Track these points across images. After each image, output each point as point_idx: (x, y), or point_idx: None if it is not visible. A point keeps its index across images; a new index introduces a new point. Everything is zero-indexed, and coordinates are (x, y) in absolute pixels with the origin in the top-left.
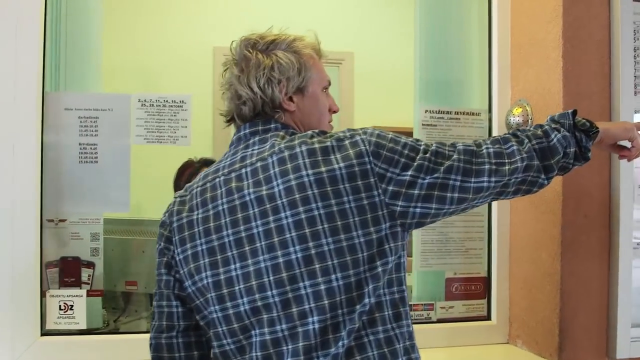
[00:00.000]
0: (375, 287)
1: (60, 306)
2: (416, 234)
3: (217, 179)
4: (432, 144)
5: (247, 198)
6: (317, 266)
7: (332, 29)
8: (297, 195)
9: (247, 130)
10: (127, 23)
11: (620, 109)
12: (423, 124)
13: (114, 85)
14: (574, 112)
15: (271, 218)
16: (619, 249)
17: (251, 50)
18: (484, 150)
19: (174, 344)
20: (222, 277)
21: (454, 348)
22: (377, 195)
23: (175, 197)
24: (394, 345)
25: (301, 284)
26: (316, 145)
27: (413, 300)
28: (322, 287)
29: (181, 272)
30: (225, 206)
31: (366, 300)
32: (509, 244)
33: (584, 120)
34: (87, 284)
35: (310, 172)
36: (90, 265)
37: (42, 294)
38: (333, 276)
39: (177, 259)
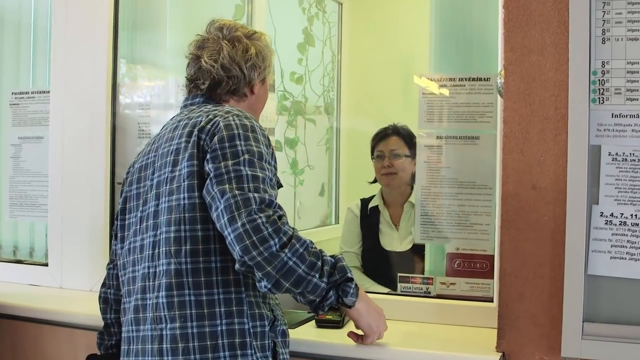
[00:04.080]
0: (197, 250)
1: None
2: (417, 205)
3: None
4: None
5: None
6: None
7: None
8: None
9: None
10: None
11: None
12: (423, 94)
13: None
14: (351, 278)
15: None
16: (565, 229)
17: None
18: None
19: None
20: (126, 222)
21: (446, 326)
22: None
23: None
24: (214, 308)
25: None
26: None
27: (425, 273)
28: (152, 238)
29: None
30: (137, 165)
31: (188, 259)
32: None
33: (353, 292)
34: None
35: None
36: None
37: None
38: (163, 228)
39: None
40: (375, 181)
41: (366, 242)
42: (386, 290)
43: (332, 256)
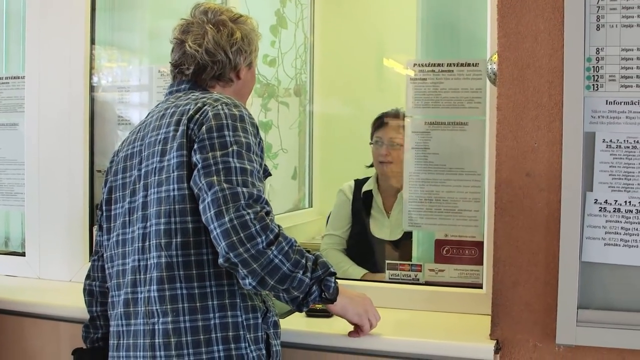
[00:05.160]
0: (188, 243)
1: None
2: (404, 191)
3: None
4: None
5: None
6: (149, 210)
7: None
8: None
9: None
10: None
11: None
12: (411, 79)
13: None
14: (333, 273)
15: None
16: (560, 216)
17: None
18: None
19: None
20: (111, 213)
21: (436, 313)
22: None
23: None
24: (206, 301)
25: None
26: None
27: (413, 260)
28: (142, 230)
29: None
30: (122, 154)
31: (179, 252)
32: None
33: (334, 286)
34: None
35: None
36: None
37: (92, 228)
38: (153, 220)
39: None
40: (372, 165)
41: (355, 226)
42: (364, 271)
43: (312, 254)
